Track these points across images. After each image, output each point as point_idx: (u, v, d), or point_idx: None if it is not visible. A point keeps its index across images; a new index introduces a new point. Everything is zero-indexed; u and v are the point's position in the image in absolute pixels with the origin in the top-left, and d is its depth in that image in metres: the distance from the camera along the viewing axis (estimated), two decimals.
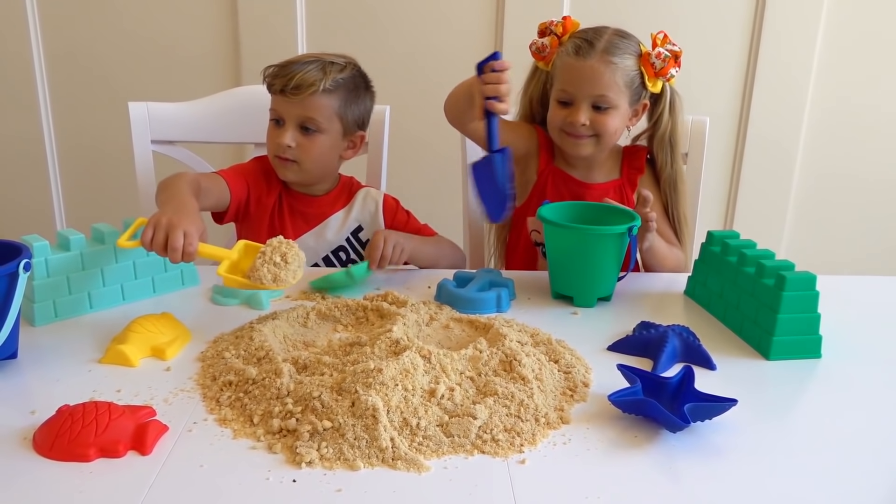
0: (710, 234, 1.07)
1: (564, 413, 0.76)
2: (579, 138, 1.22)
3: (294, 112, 1.20)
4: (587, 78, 1.19)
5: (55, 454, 0.67)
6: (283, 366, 0.78)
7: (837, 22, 1.86)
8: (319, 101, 1.20)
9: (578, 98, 1.20)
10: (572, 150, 1.25)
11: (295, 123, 1.21)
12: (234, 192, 1.22)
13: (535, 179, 1.30)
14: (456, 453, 0.69)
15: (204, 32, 1.85)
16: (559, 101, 1.23)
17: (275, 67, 1.22)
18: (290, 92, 1.18)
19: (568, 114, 1.21)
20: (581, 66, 1.19)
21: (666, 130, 1.27)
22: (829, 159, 1.99)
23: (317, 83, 1.18)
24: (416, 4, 1.83)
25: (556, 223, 1.05)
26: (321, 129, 1.22)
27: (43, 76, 1.88)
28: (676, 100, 1.27)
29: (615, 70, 1.18)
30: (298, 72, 1.18)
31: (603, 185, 1.29)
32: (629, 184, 1.30)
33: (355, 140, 1.28)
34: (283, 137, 1.20)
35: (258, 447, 0.69)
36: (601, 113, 1.20)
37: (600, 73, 1.18)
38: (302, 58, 1.23)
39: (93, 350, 0.88)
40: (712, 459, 0.70)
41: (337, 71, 1.21)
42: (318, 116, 1.21)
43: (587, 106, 1.20)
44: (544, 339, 0.91)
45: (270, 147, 1.24)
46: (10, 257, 0.82)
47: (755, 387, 0.85)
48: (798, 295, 0.90)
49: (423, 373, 0.76)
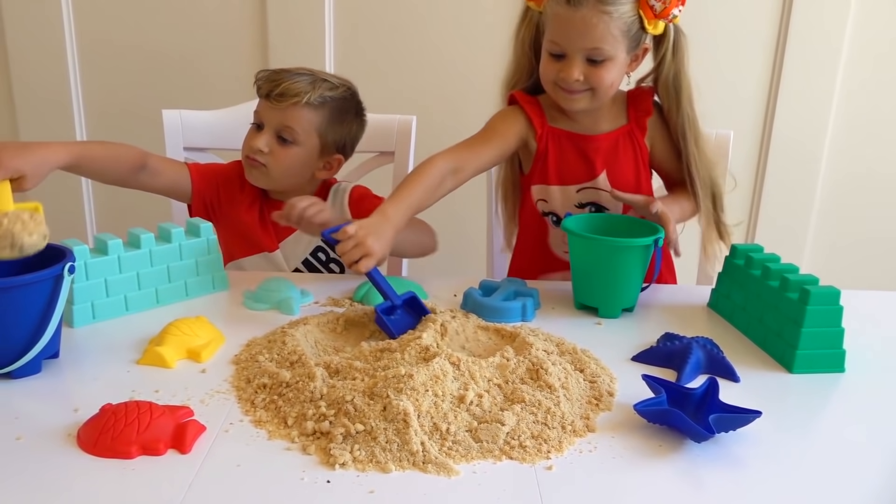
0: (734, 248, 1.08)
1: (590, 421, 0.78)
2: (573, 93, 1.15)
3: (274, 119, 1.21)
4: (579, 30, 1.10)
5: (99, 451, 0.69)
6: (315, 370, 0.80)
7: (862, 35, 1.86)
8: (301, 112, 1.21)
9: (571, 51, 1.12)
10: (567, 105, 1.19)
11: (273, 130, 1.22)
12: (195, 185, 1.25)
13: (537, 146, 1.23)
14: (484, 458, 0.71)
15: (234, 44, 1.88)
16: (551, 53, 1.15)
17: (267, 72, 1.23)
18: (274, 98, 1.19)
19: (560, 68, 1.14)
20: (572, 16, 1.09)
21: (669, 74, 1.18)
22: (853, 174, 1.99)
23: (302, 94, 1.19)
24: (443, 19, 1.85)
25: (581, 235, 1.06)
26: (297, 141, 1.22)
27: (78, 85, 1.93)
28: (681, 40, 1.17)
29: (609, 20, 1.09)
30: (287, 80, 1.19)
31: (610, 134, 1.23)
32: (638, 128, 1.24)
33: (332, 162, 1.28)
34: (257, 141, 1.21)
35: (293, 448, 0.72)
36: (596, 66, 1.12)
37: (593, 25, 1.09)
38: (298, 69, 1.24)
39: (130, 351, 0.91)
40: (736, 470, 0.72)
41: (327, 88, 1.22)
42: (297, 127, 1.22)
43: (581, 59, 1.12)
44: (570, 348, 0.92)
45: (244, 147, 1.26)
46: (53, 260, 0.85)
47: (779, 399, 0.86)
48: (822, 309, 0.91)
49: (453, 379, 0.78)
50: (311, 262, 1.31)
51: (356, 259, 0.97)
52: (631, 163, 1.25)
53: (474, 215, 1.38)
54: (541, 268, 1.30)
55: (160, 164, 1.23)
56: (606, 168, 1.23)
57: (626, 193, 1.17)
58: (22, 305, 0.81)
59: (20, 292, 0.81)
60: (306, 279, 1.19)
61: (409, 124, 1.46)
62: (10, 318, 0.81)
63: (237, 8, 1.86)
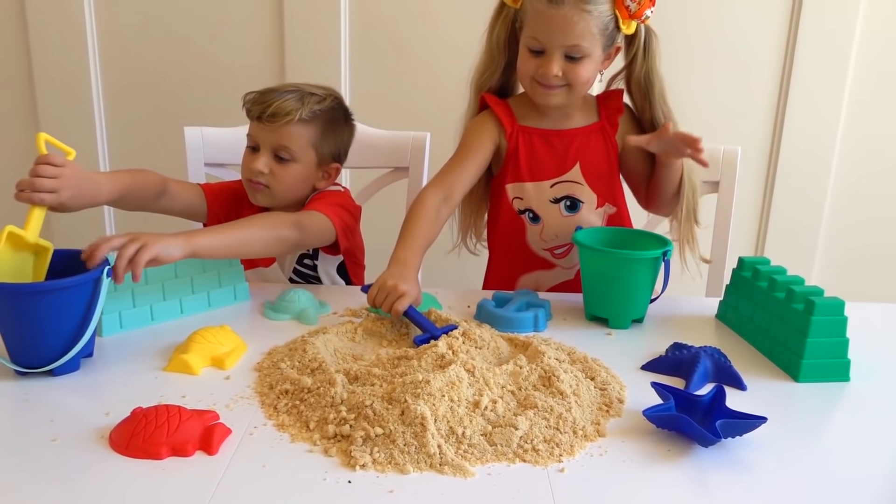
0: (741, 260, 1.11)
1: (601, 426, 0.80)
2: (551, 88, 1.19)
3: (269, 139, 1.23)
4: (559, 28, 1.13)
5: (130, 451, 0.73)
6: (336, 376, 0.83)
7: (869, 50, 1.89)
8: (295, 130, 1.23)
9: (550, 48, 1.16)
10: (543, 101, 1.22)
11: (269, 150, 1.24)
12: (210, 205, 1.29)
13: (507, 145, 1.27)
14: (499, 461, 0.74)
15: (252, 62, 1.93)
16: (530, 49, 1.18)
17: (255, 94, 1.25)
18: (267, 119, 1.21)
19: (539, 64, 1.17)
20: (554, 14, 1.13)
21: (641, 72, 1.22)
22: (861, 187, 2.01)
23: (293, 112, 1.21)
24: (457, 37, 1.89)
25: (592, 247, 1.09)
26: (295, 158, 1.25)
27: (100, 103, 1.98)
28: (652, 40, 1.21)
29: (590, 18, 1.13)
30: (276, 100, 1.21)
31: (582, 129, 1.27)
32: (609, 125, 1.28)
33: (330, 171, 1.31)
34: (256, 163, 1.23)
35: (315, 450, 0.75)
36: (574, 63, 1.16)
37: (574, 23, 1.13)
38: (283, 87, 1.26)
39: (157, 359, 0.94)
40: (742, 474, 0.74)
41: (315, 102, 1.24)
42: (293, 145, 1.24)
43: (559, 56, 1.16)
44: (581, 357, 0.95)
45: (244, 171, 1.27)
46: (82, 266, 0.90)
47: (785, 407, 0.89)
48: (827, 319, 0.93)
49: (468, 385, 0.81)
50: (301, 272, 1.34)
51: (391, 305, 1.01)
52: (603, 156, 1.28)
53: None
54: (521, 267, 1.32)
55: (178, 187, 1.27)
56: (579, 160, 1.26)
57: (638, 136, 1.18)
58: (65, 306, 0.87)
59: (64, 294, 0.87)
60: (324, 291, 1.23)
61: (423, 140, 1.50)
62: (55, 319, 0.87)
63: (255, 26, 1.91)
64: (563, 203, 1.27)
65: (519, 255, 1.31)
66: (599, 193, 1.28)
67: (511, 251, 1.32)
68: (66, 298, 0.87)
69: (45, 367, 0.87)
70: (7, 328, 0.88)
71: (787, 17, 1.87)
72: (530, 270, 1.32)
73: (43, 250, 0.96)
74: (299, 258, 1.33)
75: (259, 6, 1.89)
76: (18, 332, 0.87)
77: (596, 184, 1.27)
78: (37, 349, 0.87)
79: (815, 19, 1.85)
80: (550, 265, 1.31)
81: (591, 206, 1.27)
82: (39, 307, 0.86)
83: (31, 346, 0.87)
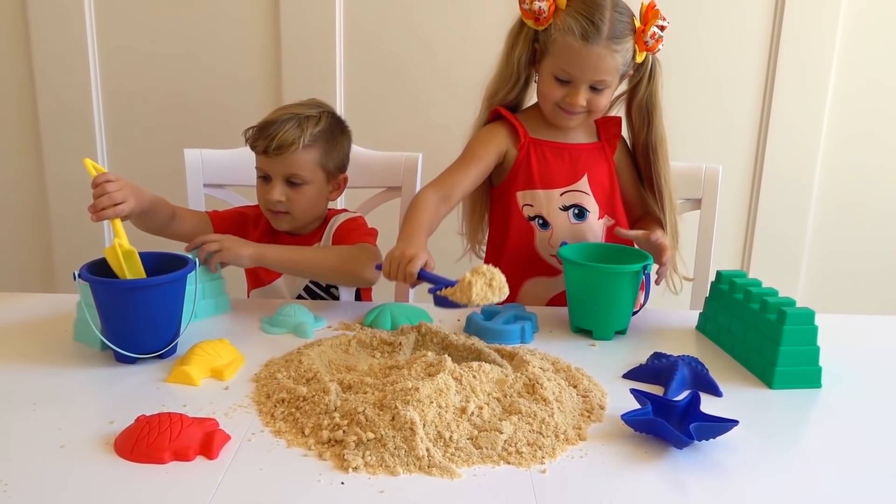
0: (719, 274, 1.15)
1: (582, 431, 0.85)
2: (574, 115, 1.28)
3: (279, 170, 1.30)
4: (592, 65, 1.22)
5: (135, 456, 0.76)
6: (330, 385, 0.87)
7: (849, 70, 1.95)
8: (301, 156, 1.29)
9: (579, 81, 1.24)
10: (563, 124, 1.31)
11: (281, 179, 1.30)
12: (216, 229, 1.34)
13: (517, 154, 1.34)
14: (484, 463, 0.78)
15: (250, 83, 1.99)
16: (558, 78, 1.25)
17: (255, 130, 1.31)
18: (273, 152, 1.27)
19: (567, 93, 1.25)
20: (588, 52, 1.20)
21: (644, 97, 1.30)
22: (843, 205, 2.07)
23: (297, 141, 1.27)
24: (449, 59, 1.95)
25: (576, 262, 1.14)
26: (306, 181, 1.31)
27: (101, 125, 2.03)
28: (657, 68, 1.30)
29: (618, 56, 1.22)
30: (278, 132, 1.26)
31: (586, 146, 1.35)
32: (609, 146, 1.37)
33: (339, 182, 1.38)
34: (272, 193, 1.30)
35: (309, 455, 0.79)
36: (597, 93, 1.25)
37: (605, 60, 1.21)
38: (278, 116, 1.30)
39: (159, 371, 0.98)
40: (716, 475, 0.78)
41: (313, 125, 1.30)
42: (302, 171, 1.30)
43: (586, 88, 1.24)
44: (564, 366, 0.99)
45: (261, 202, 1.34)
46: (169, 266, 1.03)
47: (758, 412, 0.93)
48: (798, 329, 0.98)
49: (455, 392, 0.85)
50: (311, 288, 1.39)
51: (404, 272, 1.07)
52: (605, 172, 1.36)
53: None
54: (528, 272, 1.37)
55: (184, 213, 1.34)
56: (587, 172, 1.34)
57: (626, 231, 1.28)
58: (166, 299, 1.01)
59: (176, 286, 1.02)
60: (320, 306, 1.27)
61: (416, 161, 1.55)
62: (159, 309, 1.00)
63: (252, 48, 1.96)
64: (572, 211, 1.33)
65: (527, 261, 1.36)
66: (602, 205, 1.35)
67: (519, 257, 1.37)
68: (168, 292, 1.01)
69: (156, 352, 1.01)
70: (116, 321, 0.99)
71: (768, 37, 1.93)
72: (537, 275, 1.37)
73: (134, 254, 1.05)
74: None
75: (256, 28, 1.95)
76: (129, 323, 0.99)
77: (600, 196, 1.35)
78: (142, 337, 1.00)
79: (795, 39, 1.91)
80: (556, 271, 1.36)
81: (594, 216, 1.34)
82: (147, 300, 0.99)
83: (139, 335, 1.00)
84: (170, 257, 1.07)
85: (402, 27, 1.94)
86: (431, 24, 1.93)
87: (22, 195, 2.10)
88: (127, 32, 1.96)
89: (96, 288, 0.99)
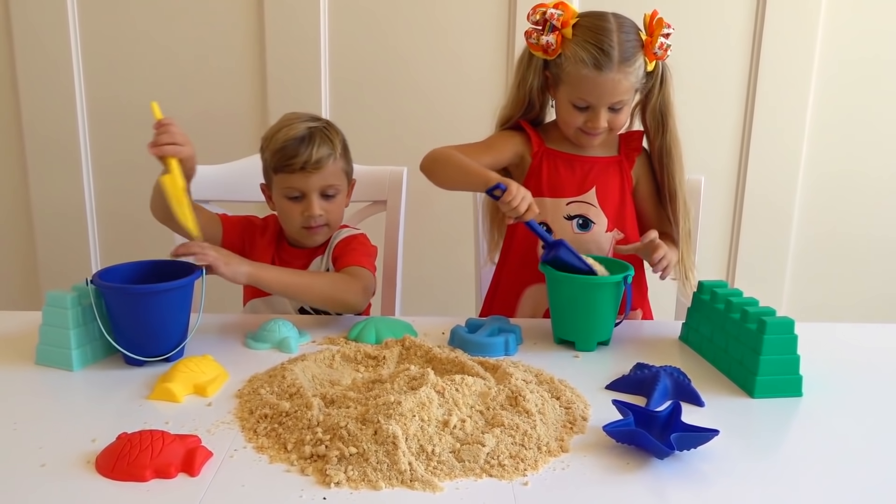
0: (701, 284, 1.17)
1: (564, 443, 0.85)
2: (598, 136, 1.32)
3: (316, 184, 1.30)
4: (608, 91, 1.25)
5: (116, 475, 0.76)
6: (313, 400, 0.87)
7: (829, 85, 1.98)
8: (335, 167, 1.31)
9: (598, 106, 1.27)
10: (588, 144, 1.34)
11: (318, 193, 1.30)
12: (226, 234, 1.35)
13: (531, 162, 1.36)
14: (466, 476, 0.78)
15: (235, 100, 2.00)
16: (576, 105, 1.29)
17: (279, 152, 1.28)
18: (312, 168, 1.27)
19: (587, 118, 1.29)
20: (603, 80, 1.24)
21: (657, 102, 1.32)
22: (827, 214, 2.09)
23: (333, 153, 1.29)
24: (434, 73, 1.97)
25: (557, 273, 1.15)
26: (339, 191, 1.33)
27: (86, 141, 2.03)
28: (667, 73, 1.32)
29: (632, 76, 1.25)
30: (311, 148, 1.27)
31: (602, 159, 1.37)
32: (627, 161, 1.38)
33: (351, 186, 1.41)
34: (312, 209, 1.30)
35: (292, 470, 0.79)
36: (616, 113, 1.29)
37: (620, 84, 1.25)
38: (295, 132, 1.28)
39: (142, 388, 0.98)
40: (697, 485, 0.78)
41: (335, 134, 1.32)
42: (336, 181, 1.32)
43: (605, 111, 1.28)
44: (547, 378, 1.00)
45: (297, 220, 1.32)
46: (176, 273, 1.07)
47: (740, 421, 0.93)
48: (778, 338, 0.99)
49: (438, 406, 0.85)
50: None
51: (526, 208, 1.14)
52: (617, 187, 1.37)
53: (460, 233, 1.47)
54: (528, 278, 1.38)
55: (201, 209, 1.34)
56: (596, 185, 1.35)
57: (626, 246, 1.29)
58: (172, 304, 1.05)
59: (185, 291, 1.06)
60: (304, 321, 1.27)
61: (401, 174, 1.56)
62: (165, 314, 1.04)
63: (238, 68, 1.97)
64: (576, 221, 1.34)
65: (529, 267, 1.36)
66: (611, 218, 1.36)
67: (523, 262, 1.38)
68: (174, 297, 1.05)
69: (162, 356, 1.05)
70: (126, 325, 1.04)
71: (749, 48, 1.96)
72: (537, 282, 1.37)
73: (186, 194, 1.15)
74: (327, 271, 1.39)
75: (240, 44, 1.96)
76: (138, 327, 1.04)
77: (608, 209, 1.36)
78: (153, 340, 1.05)
79: (776, 48, 1.94)
80: None
81: (601, 228, 1.35)
82: (158, 304, 1.03)
83: (148, 339, 1.04)
84: (177, 264, 1.11)
85: (386, 43, 1.96)
86: (415, 40, 1.95)
87: (6, 211, 2.10)
88: (111, 46, 1.97)
89: (109, 294, 1.04)
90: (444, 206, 1.99)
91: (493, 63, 1.96)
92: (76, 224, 2.07)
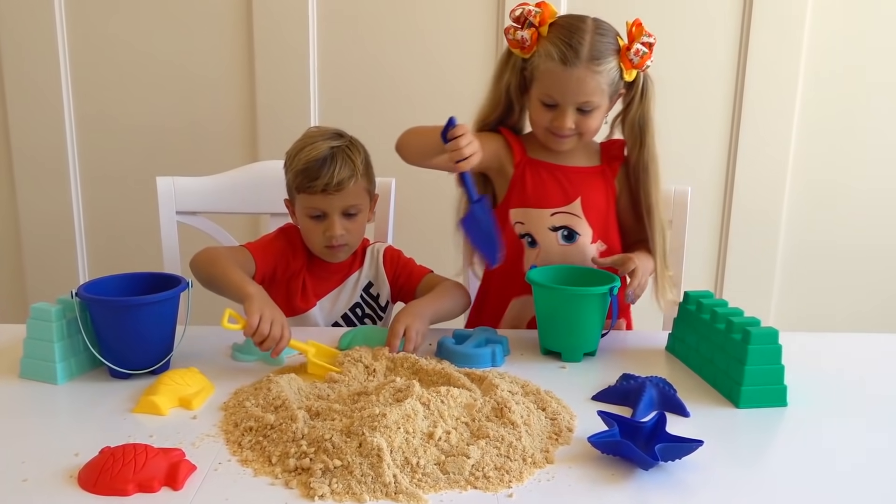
0: (686, 294, 1.17)
1: (549, 454, 0.85)
2: (564, 137, 1.29)
3: (338, 205, 1.29)
4: (573, 88, 1.23)
5: (98, 489, 0.76)
6: (298, 413, 0.87)
7: (815, 94, 2.00)
8: (357, 187, 1.30)
9: (564, 104, 1.25)
10: (556, 147, 1.32)
11: (339, 212, 1.29)
12: (259, 268, 1.30)
13: (513, 172, 1.35)
14: (451, 488, 0.78)
15: (225, 112, 2.00)
16: (544, 103, 1.27)
17: (302, 173, 1.27)
18: (334, 189, 1.27)
19: (554, 117, 1.27)
20: (567, 75, 1.22)
21: (636, 114, 1.30)
22: (814, 223, 2.10)
23: (354, 174, 1.28)
24: (422, 84, 1.98)
25: (543, 285, 1.15)
26: (360, 210, 1.32)
27: (74, 153, 2.03)
28: (649, 85, 1.30)
29: (600, 76, 1.23)
30: (333, 169, 1.26)
31: (585, 169, 1.36)
32: (610, 170, 1.37)
33: (374, 201, 1.40)
34: (334, 229, 1.29)
35: (276, 483, 0.78)
36: (585, 115, 1.26)
37: (586, 82, 1.23)
38: (318, 152, 1.28)
39: (126, 401, 0.98)
40: (682, 495, 0.79)
41: (356, 153, 1.31)
42: (358, 200, 1.31)
43: (572, 110, 1.25)
44: (533, 389, 1.00)
45: (319, 240, 1.31)
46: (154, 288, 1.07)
47: (725, 432, 0.94)
48: (763, 348, 0.99)
49: (423, 417, 0.85)
50: (349, 317, 1.39)
51: (469, 154, 1.12)
52: (602, 196, 1.36)
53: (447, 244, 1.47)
54: (514, 290, 1.37)
55: (238, 256, 1.28)
56: (581, 195, 1.35)
57: (603, 259, 1.28)
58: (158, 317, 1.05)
59: (170, 304, 1.06)
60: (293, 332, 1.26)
61: (389, 186, 1.56)
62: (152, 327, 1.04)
63: (227, 82, 1.98)
64: (561, 232, 1.34)
65: (514, 278, 1.35)
66: (595, 229, 1.35)
67: (508, 274, 1.37)
68: (160, 310, 1.05)
69: (147, 368, 1.05)
70: (111, 338, 1.04)
71: (735, 57, 1.98)
72: (522, 294, 1.37)
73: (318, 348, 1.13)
74: (353, 306, 1.40)
75: (231, 60, 1.96)
76: (123, 340, 1.03)
77: (593, 220, 1.35)
78: (138, 353, 1.04)
79: (762, 59, 1.96)
80: None
81: (586, 239, 1.34)
82: (142, 317, 1.03)
83: (133, 351, 1.04)
84: (162, 277, 1.12)
85: (375, 53, 1.97)
86: (404, 51, 1.96)
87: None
88: (99, 56, 1.97)
89: (94, 306, 1.04)
90: (431, 218, 1.99)
91: (481, 74, 1.95)
92: (64, 236, 2.07)
